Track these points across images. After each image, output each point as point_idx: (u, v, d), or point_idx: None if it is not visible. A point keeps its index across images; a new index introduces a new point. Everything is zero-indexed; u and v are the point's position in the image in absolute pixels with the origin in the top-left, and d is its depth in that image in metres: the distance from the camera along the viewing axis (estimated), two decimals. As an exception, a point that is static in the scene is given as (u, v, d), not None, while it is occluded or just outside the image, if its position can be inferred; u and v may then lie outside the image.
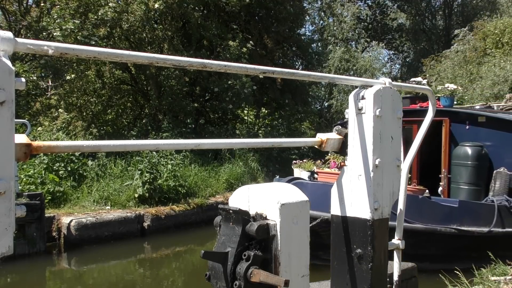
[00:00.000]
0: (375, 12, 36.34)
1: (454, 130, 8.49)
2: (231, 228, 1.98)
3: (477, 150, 8.10)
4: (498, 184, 7.65)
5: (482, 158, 8.17)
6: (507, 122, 8.06)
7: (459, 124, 8.47)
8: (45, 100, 17.23)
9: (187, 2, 17.34)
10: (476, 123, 8.33)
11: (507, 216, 7.31)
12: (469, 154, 8.10)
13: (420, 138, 2.72)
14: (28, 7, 17.69)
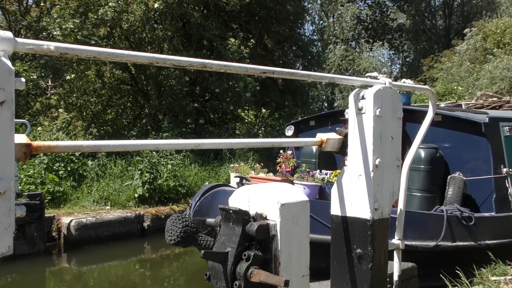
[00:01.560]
0: (375, 12, 36.34)
1: (410, 130, 7.44)
2: (231, 228, 1.98)
3: (430, 152, 7.11)
4: (451, 191, 6.66)
5: (437, 162, 7.16)
6: (465, 121, 6.95)
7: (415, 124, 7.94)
8: (45, 100, 17.23)
9: (187, 2, 17.35)
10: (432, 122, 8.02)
11: (458, 228, 6.17)
12: (421, 157, 7.08)
13: (420, 138, 2.72)
14: (28, 7, 17.69)
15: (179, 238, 5.55)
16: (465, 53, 23.40)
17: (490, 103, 9.36)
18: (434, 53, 29.09)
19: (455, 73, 22.42)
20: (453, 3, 37.39)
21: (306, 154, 8.52)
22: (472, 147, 6.87)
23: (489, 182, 6.58)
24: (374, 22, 36.21)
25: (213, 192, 6.22)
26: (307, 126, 8.90)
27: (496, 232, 6.36)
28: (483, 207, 6.67)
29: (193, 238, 5.73)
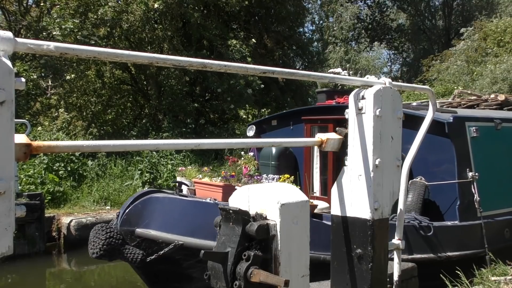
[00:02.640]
0: (375, 12, 36.35)
1: None
2: (231, 228, 1.98)
3: None
4: (410, 197, 5.95)
5: None
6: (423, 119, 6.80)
7: None
8: (45, 100, 17.24)
9: (187, 2, 17.35)
10: None
11: (416, 239, 5.54)
12: None
13: (420, 139, 2.72)
14: (28, 7, 17.70)
15: (102, 251, 5.10)
16: (461, 54, 23.40)
17: (467, 102, 8.87)
18: (434, 53, 29.09)
19: (452, 73, 22.43)
20: (453, 3, 37.40)
21: (265, 156, 7.85)
22: (435, 149, 6.27)
23: (453, 187, 5.94)
24: (374, 22, 36.21)
25: (144, 200, 5.42)
26: (269, 125, 8.47)
27: (458, 243, 5.73)
28: (447, 215, 6.02)
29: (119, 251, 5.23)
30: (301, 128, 7.62)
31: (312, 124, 7.49)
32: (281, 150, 7.60)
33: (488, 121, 6.67)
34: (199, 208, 5.34)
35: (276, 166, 7.58)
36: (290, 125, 7.98)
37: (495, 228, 6.19)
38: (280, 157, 7.60)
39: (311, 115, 7.56)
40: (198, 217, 5.22)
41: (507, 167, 6.83)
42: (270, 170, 7.63)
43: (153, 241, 5.11)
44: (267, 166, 7.69)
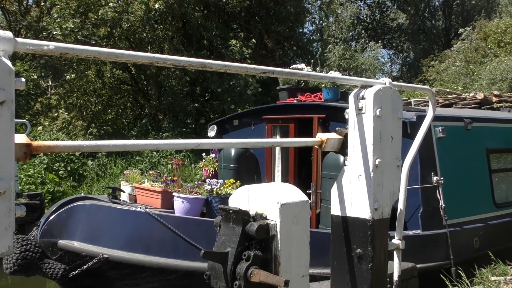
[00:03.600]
0: (375, 12, 36.35)
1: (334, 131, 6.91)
2: (231, 228, 1.98)
3: None
4: None
5: None
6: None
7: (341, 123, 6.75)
8: (45, 100, 17.24)
9: (188, 2, 17.36)
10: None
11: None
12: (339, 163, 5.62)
13: (420, 139, 2.72)
14: (28, 7, 17.70)
15: (16, 266, 4.60)
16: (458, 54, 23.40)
17: (445, 100, 8.48)
18: (434, 53, 29.08)
19: (451, 74, 22.43)
20: (453, 3, 37.40)
21: (224, 159, 7.24)
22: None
23: (415, 193, 5.29)
24: (374, 22, 36.21)
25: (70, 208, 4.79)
26: (231, 125, 7.93)
27: (421, 255, 5.16)
28: (409, 223, 5.39)
29: (36, 265, 4.71)
30: (262, 128, 7.19)
31: (274, 124, 7.06)
32: (240, 152, 7.06)
33: (457, 121, 6.09)
34: (128, 218, 4.93)
35: (234, 169, 7.02)
36: (251, 125, 7.49)
37: (463, 238, 5.66)
38: (240, 159, 7.03)
39: (272, 114, 7.13)
40: (127, 227, 4.87)
41: (477, 170, 6.31)
42: (229, 173, 7.08)
43: (77, 254, 4.70)
44: (226, 169, 7.13)
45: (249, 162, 7.14)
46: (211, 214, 5.72)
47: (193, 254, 4.60)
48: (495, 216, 6.31)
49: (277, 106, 7.38)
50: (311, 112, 6.56)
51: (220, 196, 5.68)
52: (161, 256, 4.73)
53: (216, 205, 5.71)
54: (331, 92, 6.85)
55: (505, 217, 6.47)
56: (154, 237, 4.85)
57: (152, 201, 5.96)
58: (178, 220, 5.00)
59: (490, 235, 6.02)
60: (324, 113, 6.43)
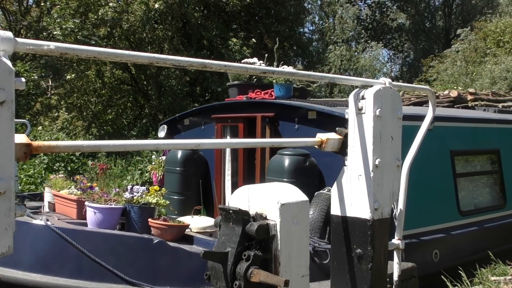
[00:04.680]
0: (375, 12, 36.35)
1: (283, 131, 5.89)
2: (231, 228, 1.98)
3: (297, 161, 5.31)
4: (312, 213, 4.83)
5: (304, 174, 5.31)
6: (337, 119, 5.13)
7: (289, 123, 5.85)
8: (45, 100, 17.26)
9: (188, 2, 17.36)
10: (307, 120, 5.66)
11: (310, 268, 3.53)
12: (284, 167, 5.26)
13: (420, 139, 2.72)
14: (28, 7, 17.71)
15: None
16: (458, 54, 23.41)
17: (416, 98, 8.00)
18: (434, 53, 29.10)
19: (450, 74, 22.44)
20: (453, 3, 37.41)
21: (169, 161, 6.65)
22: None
23: None
24: (374, 22, 36.22)
25: None
26: (183, 125, 7.36)
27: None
28: None
29: None
30: (213, 128, 6.65)
31: (223, 124, 6.49)
32: (187, 154, 6.47)
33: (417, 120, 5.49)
34: (26, 231, 4.45)
35: (181, 173, 6.43)
36: (201, 125, 6.96)
37: (420, 251, 5.18)
38: (187, 162, 6.47)
39: (221, 113, 6.58)
40: (24, 242, 4.37)
41: (439, 174, 5.76)
42: (175, 178, 6.48)
43: None
44: (171, 173, 6.53)
45: (197, 165, 6.63)
46: (130, 226, 5.02)
47: (99, 274, 4.17)
48: (459, 225, 5.74)
49: (226, 104, 6.82)
50: (260, 110, 6.07)
51: (139, 205, 4.99)
52: (61, 276, 4.20)
53: (135, 216, 5.03)
54: (283, 89, 6.31)
55: (471, 226, 5.87)
56: (56, 254, 4.32)
57: (69, 210, 5.34)
58: (84, 235, 4.47)
59: (453, 246, 5.54)
60: (273, 111, 5.96)
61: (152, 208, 5.06)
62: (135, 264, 4.38)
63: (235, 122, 6.32)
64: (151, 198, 5.09)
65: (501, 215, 6.51)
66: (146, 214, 4.99)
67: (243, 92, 6.73)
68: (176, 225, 4.95)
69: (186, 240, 4.88)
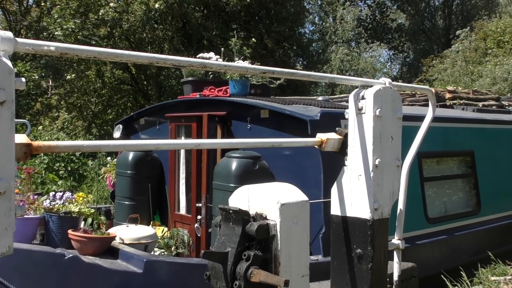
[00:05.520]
0: (375, 12, 36.36)
1: (236, 131, 5.46)
2: (231, 228, 1.98)
3: (245, 164, 4.77)
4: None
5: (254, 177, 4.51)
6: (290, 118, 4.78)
7: (243, 122, 5.39)
8: (45, 100, 17.26)
9: (188, 2, 17.37)
10: (259, 120, 5.21)
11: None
12: (231, 171, 4.78)
13: (420, 140, 2.71)
14: (28, 7, 17.71)
15: None
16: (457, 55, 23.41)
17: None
18: (434, 53, 29.10)
19: (450, 74, 22.45)
20: (453, 3, 37.40)
21: (120, 164, 6.11)
22: (300, 156, 4.84)
23: (318, 209, 4.33)
24: (374, 22, 36.22)
25: None
26: (139, 124, 6.90)
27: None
28: (312, 247, 4.37)
29: None
30: (167, 128, 6.18)
31: (177, 123, 6.00)
32: (139, 156, 5.94)
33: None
34: None
35: (132, 176, 5.92)
36: (156, 124, 6.52)
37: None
38: (138, 164, 5.95)
39: (175, 111, 6.12)
40: None
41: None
42: (125, 182, 5.95)
43: None
44: (122, 177, 6.04)
45: (152, 168, 6.14)
46: (49, 239, 4.46)
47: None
48: (426, 233, 5.35)
49: (179, 102, 6.39)
50: (213, 109, 5.61)
51: (58, 214, 4.44)
52: None
53: (55, 227, 4.45)
54: (238, 86, 5.79)
55: (439, 234, 5.43)
56: None
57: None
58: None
59: (419, 257, 5.04)
60: (226, 109, 5.48)
61: (74, 218, 4.48)
62: (44, 283, 3.81)
63: (188, 122, 5.80)
64: (74, 207, 4.54)
65: (475, 221, 6.05)
66: (67, 225, 4.38)
67: (197, 89, 6.21)
68: (97, 237, 4.16)
69: (112, 253, 4.20)
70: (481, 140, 6.45)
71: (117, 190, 6.13)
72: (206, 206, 5.42)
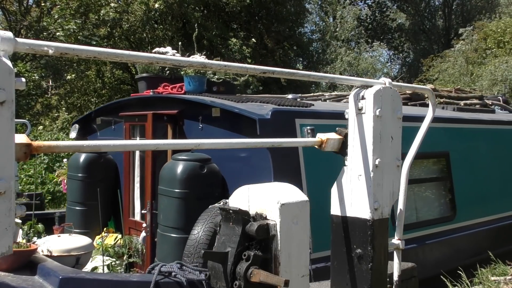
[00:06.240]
0: (375, 12, 36.37)
1: (188, 131, 5.08)
2: (231, 228, 1.98)
3: (191, 168, 4.39)
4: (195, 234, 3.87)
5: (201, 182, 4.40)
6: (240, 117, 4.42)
7: (195, 122, 5.01)
8: (45, 100, 17.27)
9: (188, 2, 17.38)
10: (211, 119, 4.85)
11: None
12: (175, 175, 4.37)
13: (419, 140, 2.71)
14: (28, 7, 17.71)
15: None
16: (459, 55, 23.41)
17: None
18: (434, 53, 29.10)
19: (451, 74, 22.46)
20: (453, 3, 37.41)
21: (72, 166, 5.73)
22: (252, 159, 4.46)
23: None
24: (374, 22, 36.22)
25: None
26: (97, 124, 6.48)
27: None
28: None
29: None
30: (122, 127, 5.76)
31: (131, 123, 5.55)
32: (92, 158, 5.55)
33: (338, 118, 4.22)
34: None
35: (83, 180, 5.55)
36: (112, 124, 6.12)
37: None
38: (90, 167, 5.56)
39: (129, 110, 5.69)
40: None
41: None
42: (76, 185, 5.59)
43: None
44: (73, 180, 5.65)
45: (106, 170, 5.74)
46: None
47: None
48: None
49: (133, 101, 6.01)
50: (167, 107, 5.23)
51: None
52: None
53: None
54: (193, 82, 5.39)
55: (411, 242, 4.95)
56: None
57: None
58: None
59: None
60: (179, 108, 5.09)
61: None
62: None
63: (142, 121, 5.36)
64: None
65: (449, 228, 5.64)
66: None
67: (152, 86, 5.82)
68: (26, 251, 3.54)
69: (32, 268, 3.54)
70: (457, 141, 6.00)
71: (68, 194, 5.75)
72: (152, 213, 4.94)
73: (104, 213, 5.31)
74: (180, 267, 2.80)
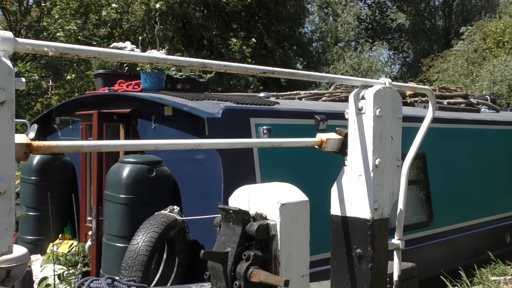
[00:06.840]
0: (375, 12, 36.37)
1: (142, 130, 4.82)
2: (231, 228, 1.98)
3: (138, 171, 4.09)
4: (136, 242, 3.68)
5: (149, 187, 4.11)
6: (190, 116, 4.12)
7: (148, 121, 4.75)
8: (45, 101, 17.27)
9: (188, 2, 17.38)
10: (163, 118, 4.57)
11: None
12: (121, 179, 4.07)
13: (419, 140, 2.71)
14: (28, 7, 17.71)
15: None
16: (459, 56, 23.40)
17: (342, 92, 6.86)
18: (434, 53, 29.10)
19: (451, 74, 22.46)
20: (453, 3, 37.41)
21: (25, 169, 5.39)
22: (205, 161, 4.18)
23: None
24: (374, 22, 36.22)
25: None
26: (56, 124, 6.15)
27: None
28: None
29: None
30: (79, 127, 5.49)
31: (88, 122, 5.17)
32: (47, 160, 5.22)
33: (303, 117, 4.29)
34: None
35: (36, 183, 5.21)
36: (69, 124, 5.79)
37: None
38: (45, 169, 5.24)
39: (85, 109, 5.30)
40: None
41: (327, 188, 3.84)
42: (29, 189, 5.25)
43: None
44: (26, 183, 5.31)
45: (62, 173, 5.44)
46: None
47: None
48: None
49: (88, 99, 5.67)
50: (122, 105, 4.94)
51: None
52: None
53: None
54: (150, 79, 5.09)
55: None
56: None
57: None
58: None
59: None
60: (132, 106, 4.79)
61: None
62: None
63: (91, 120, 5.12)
64: None
65: (426, 234, 5.39)
66: None
67: (109, 83, 5.51)
68: None
69: None
70: (435, 142, 5.58)
71: (21, 199, 5.38)
72: (98, 220, 4.67)
73: (60, 218, 5.12)
74: (111, 283, 2.38)
